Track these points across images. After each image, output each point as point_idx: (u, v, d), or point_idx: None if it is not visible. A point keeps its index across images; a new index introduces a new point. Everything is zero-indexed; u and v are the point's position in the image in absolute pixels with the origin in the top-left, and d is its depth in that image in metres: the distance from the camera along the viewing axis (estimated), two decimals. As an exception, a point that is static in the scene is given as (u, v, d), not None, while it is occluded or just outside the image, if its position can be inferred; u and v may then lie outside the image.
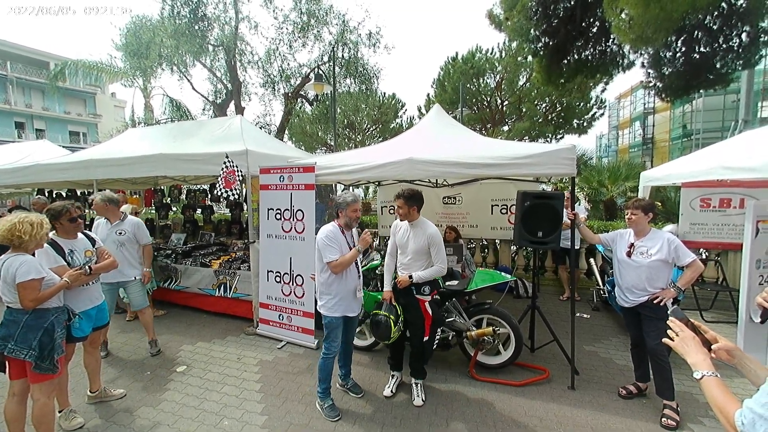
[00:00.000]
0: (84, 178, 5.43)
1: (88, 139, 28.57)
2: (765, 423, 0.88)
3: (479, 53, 17.69)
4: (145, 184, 7.68)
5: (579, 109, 17.68)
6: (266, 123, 13.12)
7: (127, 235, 3.69)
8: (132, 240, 3.72)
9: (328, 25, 11.12)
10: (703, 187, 5.06)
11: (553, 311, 5.02)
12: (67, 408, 2.75)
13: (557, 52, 8.22)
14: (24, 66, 25.90)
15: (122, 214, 3.77)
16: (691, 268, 2.69)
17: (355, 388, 3.12)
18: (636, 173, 7.74)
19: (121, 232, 3.68)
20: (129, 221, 3.74)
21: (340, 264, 2.72)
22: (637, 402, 2.97)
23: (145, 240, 3.80)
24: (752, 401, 0.94)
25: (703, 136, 17.71)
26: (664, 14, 5.32)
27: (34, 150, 7.60)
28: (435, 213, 6.57)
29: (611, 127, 29.86)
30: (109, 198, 3.67)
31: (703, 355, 1.13)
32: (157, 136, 5.99)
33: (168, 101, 13.18)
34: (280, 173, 4.14)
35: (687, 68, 7.43)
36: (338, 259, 2.71)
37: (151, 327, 3.89)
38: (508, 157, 3.17)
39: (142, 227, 3.80)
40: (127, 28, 10.50)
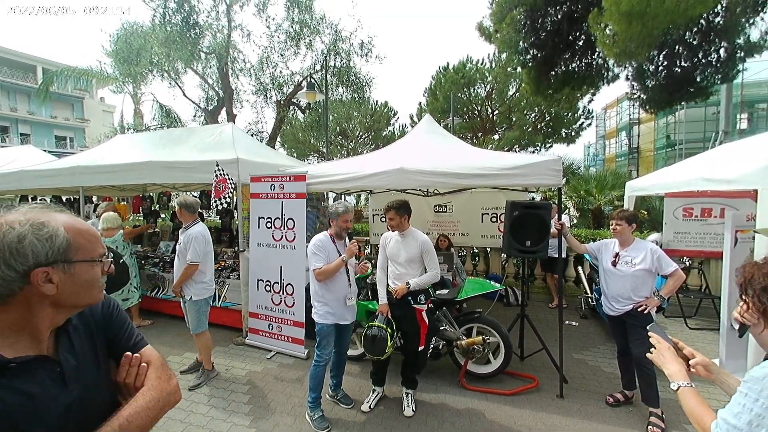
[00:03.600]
0: (70, 185, 5.34)
1: (75, 144, 28.08)
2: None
3: (470, 64, 18.01)
4: (134, 190, 7.58)
5: (567, 119, 18.06)
6: (258, 130, 13.09)
7: (183, 245, 3.28)
8: (185, 252, 3.25)
9: (320, 35, 11.22)
10: (686, 197, 5.21)
11: (542, 319, 5.07)
12: None
13: (545, 64, 8.44)
14: (10, 69, 25.47)
15: (193, 219, 3.33)
16: (673, 277, 2.77)
17: (345, 399, 3.10)
18: (622, 182, 7.92)
19: (180, 241, 3.34)
20: (189, 231, 3.27)
21: (323, 272, 2.76)
22: (624, 409, 3.01)
23: (189, 256, 3.23)
24: (725, 411, 0.98)
25: (686, 146, 18.24)
26: (645, 30, 5.53)
27: (19, 155, 7.46)
28: (426, 221, 6.62)
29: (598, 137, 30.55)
30: (180, 203, 3.31)
31: (678, 365, 1.17)
32: (147, 143, 5.93)
33: (158, 107, 13.08)
34: (271, 182, 4.14)
35: (669, 81, 7.70)
36: (322, 267, 2.75)
37: (207, 352, 3.48)
38: (497, 167, 3.23)
39: (194, 240, 3.24)
40: (117, 35, 10.44)
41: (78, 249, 0.80)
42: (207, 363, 3.51)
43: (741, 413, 0.94)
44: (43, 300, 0.77)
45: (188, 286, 3.32)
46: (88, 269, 0.83)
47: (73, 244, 0.79)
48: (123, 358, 0.93)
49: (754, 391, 0.93)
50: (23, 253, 0.73)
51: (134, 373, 0.93)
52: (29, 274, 0.73)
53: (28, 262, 0.73)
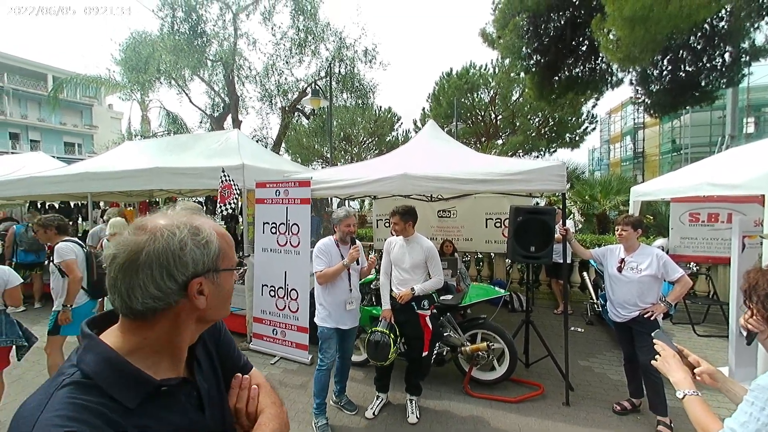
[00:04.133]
0: (79, 191, 5.42)
1: (83, 151, 28.50)
2: None
3: (473, 69, 18.09)
4: (141, 196, 7.67)
5: (571, 123, 18.03)
6: (263, 136, 13.22)
7: None
8: None
9: (325, 42, 11.35)
10: (692, 202, 5.16)
11: (548, 325, 5.02)
12: None
13: (548, 69, 8.46)
14: (21, 78, 26.01)
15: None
16: (680, 283, 2.74)
17: (349, 405, 3.09)
18: (627, 187, 7.87)
19: None
20: None
21: (324, 275, 2.81)
22: (632, 418, 2.96)
23: None
24: (732, 420, 0.97)
25: (692, 150, 18.09)
26: (649, 35, 5.54)
27: (29, 162, 7.59)
28: (430, 226, 6.61)
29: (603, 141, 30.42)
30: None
31: (684, 373, 1.16)
32: (154, 150, 6.03)
33: (165, 114, 13.26)
34: (276, 187, 4.17)
35: (673, 86, 7.68)
36: (323, 270, 2.79)
37: None
38: (501, 173, 3.24)
39: None
40: (126, 44, 10.64)
41: (224, 256, 0.72)
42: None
43: (748, 422, 0.93)
44: (191, 314, 0.69)
45: None
46: (229, 278, 0.75)
47: (221, 251, 0.71)
48: (233, 380, 0.82)
49: (760, 400, 0.92)
50: (185, 262, 0.65)
51: (245, 397, 0.82)
52: (187, 285, 0.66)
53: (188, 272, 0.66)
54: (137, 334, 0.66)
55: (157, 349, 0.68)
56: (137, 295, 0.63)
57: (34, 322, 5.22)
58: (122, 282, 0.63)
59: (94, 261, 3.28)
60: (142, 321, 0.65)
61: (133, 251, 0.63)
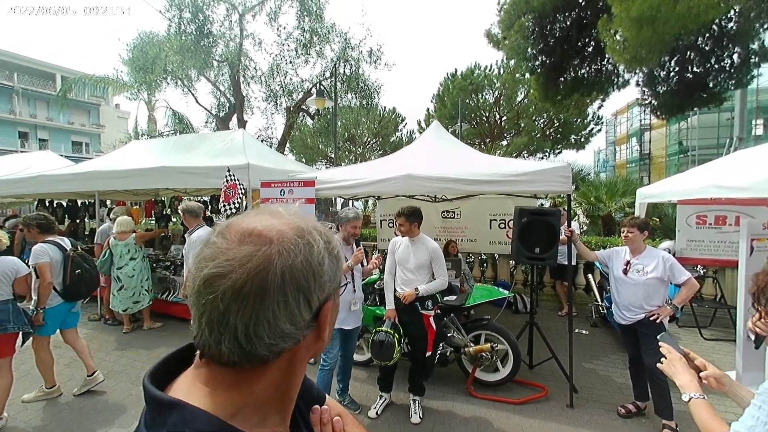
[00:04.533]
0: (86, 189, 5.48)
1: (90, 150, 28.82)
2: None
3: (478, 70, 18.06)
4: (146, 195, 7.74)
5: (576, 124, 17.93)
6: (268, 136, 13.28)
7: (186, 249, 3.45)
8: (187, 256, 3.42)
9: (330, 43, 11.39)
10: (699, 204, 5.11)
11: (552, 327, 5.00)
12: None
13: (554, 71, 8.42)
14: (30, 77, 26.35)
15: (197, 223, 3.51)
16: (687, 286, 2.72)
17: (352, 404, 3.10)
18: (633, 189, 7.81)
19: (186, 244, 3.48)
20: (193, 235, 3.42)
21: None
22: (636, 421, 2.94)
23: (191, 260, 3.37)
24: (739, 424, 0.96)
25: (699, 152, 17.91)
26: (656, 36, 5.49)
27: (37, 160, 7.69)
28: (434, 227, 6.61)
29: (608, 143, 30.20)
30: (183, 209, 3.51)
31: (690, 376, 1.15)
32: (160, 149, 6.08)
33: (171, 114, 13.38)
34: (281, 187, 4.19)
35: (681, 87, 7.61)
36: None
37: None
38: (505, 174, 3.23)
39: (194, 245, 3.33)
40: (133, 44, 10.75)
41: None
42: None
43: (755, 426, 0.93)
44: (309, 351, 0.52)
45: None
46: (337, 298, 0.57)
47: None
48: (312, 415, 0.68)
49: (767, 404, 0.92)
50: (323, 282, 0.49)
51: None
52: (319, 312, 0.50)
53: (323, 295, 0.50)
54: (242, 389, 0.48)
55: (264, 403, 0.50)
56: (262, 334, 0.44)
57: (42, 318, 5.29)
58: (238, 316, 0.43)
59: (71, 264, 3.21)
60: (252, 369, 0.47)
61: (259, 268, 0.44)
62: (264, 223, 0.48)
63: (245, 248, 0.45)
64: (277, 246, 0.46)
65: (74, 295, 3.28)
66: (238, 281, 0.43)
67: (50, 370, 3.23)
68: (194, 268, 0.47)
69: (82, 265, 3.30)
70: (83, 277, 3.28)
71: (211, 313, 0.44)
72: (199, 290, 0.45)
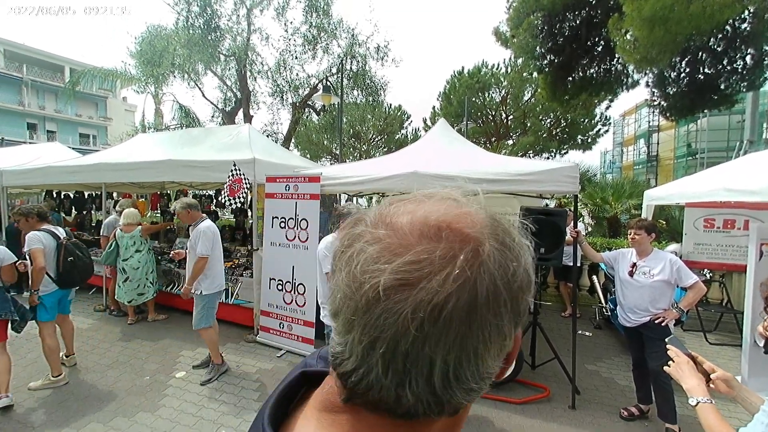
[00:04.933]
0: (94, 181, 5.53)
1: (97, 142, 29.04)
2: None
3: (485, 68, 17.93)
4: (152, 187, 7.79)
5: (583, 125, 17.77)
6: (273, 131, 13.30)
7: (192, 240, 3.42)
8: (194, 248, 3.39)
9: (337, 39, 11.35)
10: (707, 207, 5.05)
11: (555, 328, 4.98)
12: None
13: (562, 70, 8.34)
14: (40, 69, 26.56)
15: (200, 216, 3.50)
16: (693, 289, 2.69)
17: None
18: (640, 191, 7.73)
19: (191, 237, 3.47)
20: (198, 227, 3.41)
21: None
22: (639, 424, 2.93)
23: (199, 250, 3.34)
24: (747, 430, 0.95)
25: (708, 155, 17.68)
26: (668, 36, 5.42)
27: (46, 152, 7.75)
28: (438, 225, 6.58)
29: (616, 144, 29.91)
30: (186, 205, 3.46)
31: (697, 380, 1.14)
32: (167, 142, 6.11)
33: (178, 107, 13.42)
34: (286, 182, 4.20)
35: (691, 89, 7.52)
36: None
37: (214, 346, 3.50)
38: (512, 173, 3.21)
39: (203, 235, 3.36)
40: (141, 37, 10.79)
41: None
42: (216, 357, 3.52)
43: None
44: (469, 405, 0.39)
45: (200, 279, 3.41)
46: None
47: None
48: None
49: None
50: (519, 306, 0.34)
51: None
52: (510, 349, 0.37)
53: (517, 321, 0.35)
54: None
55: None
56: (466, 375, 0.32)
57: (48, 308, 5.36)
58: (438, 347, 0.30)
59: (64, 252, 3.31)
60: (419, 423, 0.35)
61: (463, 278, 0.30)
62: (451, 213, 0.35)
63: (433, 246, 0.31)
64: (487, 246, 0.32)
65: (67, 282, 3.36)
66: (439, 294, 0.29)
67: (57, 357, 3.29)
68: (345, 273, 0.34)
69: (75, 253, 3.38)
70: (76, 265, 3.36)
71: (391, 342, 0.30)
72: (367, 307, 0.31)
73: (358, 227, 0.36)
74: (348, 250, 0.35)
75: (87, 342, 4.23)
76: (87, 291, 6.09)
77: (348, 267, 0.34)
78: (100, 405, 3.02)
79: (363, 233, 0.35)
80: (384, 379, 0.32)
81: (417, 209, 0.35)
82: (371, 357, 0.32)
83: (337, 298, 0.35)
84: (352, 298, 0.32)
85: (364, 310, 0.31)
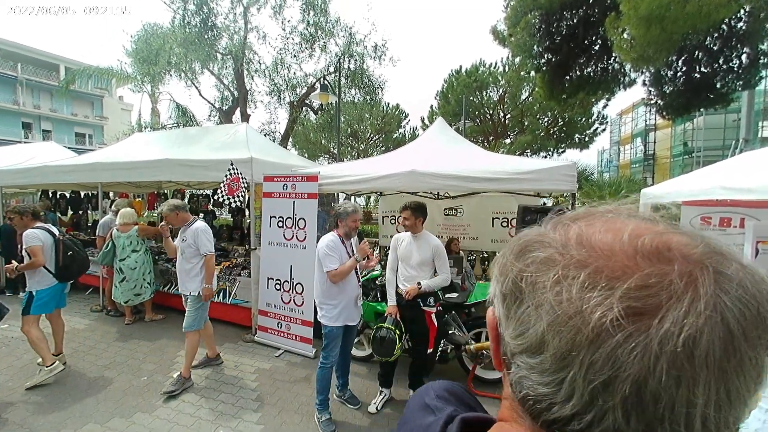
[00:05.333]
0: (90, 181, 5.49)
1: (93, 141, 28.86)
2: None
3: (482, 67, 17.96)
4: (149, 187, 7.75)
5: (581, 124, 17.84)
6: (271, 130, 13.27)
7: (188, 241, 3.35)
8: (191, 248, 3.34)
9: (334, 37, 11.33)
10: (704, 205, 5.07)
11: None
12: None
13: (559, 69, 8.36)
14: (34, 68, 26.34)
15: (191, 217, 3.46)
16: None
17: (352, 399, 3.11)
18: (637, 189, 7.77)
19: (184, 238, 3.39)
20: (192, 227, 3.37)
21: (339, 273, 2.75)
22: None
23: (204, 249, 3.36)
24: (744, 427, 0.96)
25: (704, 153, 17.79)
26: (665, 35, 5.44)
27: (41, 151, 7.69)
28: (436, 224, 6.59)
29: (613, 143, 30.03)
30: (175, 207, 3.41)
31: None
32: (163, 141, 6.07)
33: (175, 106, 13.35)
34: (284, 181, 4.19)
35: (687, 87, 7.55)
36: (338, 268, 2.74)
37: (192, 355, 3.35)
38: (510, 172, 3.22)
39: (200, 234, 3.35)
40: (138, 35, 10.72)
41: None
42: (186, 369, 3.31)
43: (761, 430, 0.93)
44: None
45: (191, 280, 3.36)
46: None
47: None
48: None
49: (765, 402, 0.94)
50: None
51: None
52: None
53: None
54: None
55: None
56: (729, 421, 0.28)
57: (45, 308, 5.33)
58: (699, 389, 0.26)
59: (62, 247, 3.41)
60: None
61: (714, 308, 0.27)
62: (661, 231, 0.32)
63: (662, 269, 0.28)
64: (732, 267, 0.29)
65: (67, 275, 3.48)
66: (688, 325, 0.26)
67: (45, 346, 3.34)
68: (549, 300, 0.30)
69: (72, 248, 3.51)
70: (75, 258, 3.49)
71: (636, 383, 0.26)
72: (595, 339, 0.27)
73: (538, 251, 0.33)
74: (542, 277, 0.31)
75: (84, 342, 4.21)
76: (84, 291, 6.06)
77: (552, 293, 0.30)
78: (97, 405, 3.01)
79: (553, 257, 0.32)
80: (625, 426, 0.27)
81: (617, 227, 0.33)
82: (605, 400, 0.27)
83: (533, 329, 0.31)
84: (566, 329, 0.28)
85: (589, 344, 0.27)
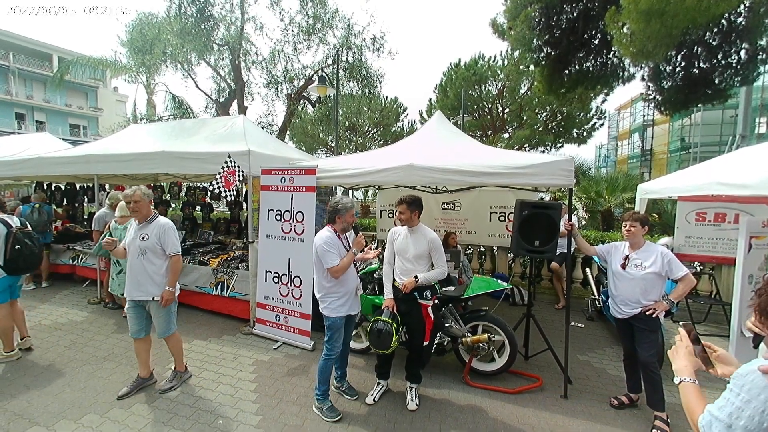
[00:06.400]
0: (85, 173, 5.44)
1: (88, 133, 28.56)
2: (719, 424, 0.99)
3: (482, 61, 17.82)
4: (145, 180, 7.70)
5: (579, 118, 17.81)
6: (268, 123, 13.16)
7: (151, 240, 2.94)
8: (155, 247, 2.96)
9: (333, 29, 11.21)
10: (699, 201, 5.12)
11: (548, 319, 5.05)
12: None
13: (559, 63, 8.32)
14: (27, 57, 25.90)
15: (152, 212, 3.07)
16: (684, 281, 2.74)
17: (350, 390, 3.14)
18: (634, 185, 7.81)
19: (144, 236, 2.96)
20: (155, 223, 3.00)
21: (342, 268, 2.78)
22: (629, 412, 3.00)
23: (172, 248, 3.00)
24: (713, 405, 1.04)
25: (701, 149, 17.87)
26: (664, 30, 5.42)
27: (35, 142, 7.60)
28: (434, 218, 6.61)
29: (610, 138, 30.09)
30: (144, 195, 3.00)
31: (686, 362, 1.22)
32: (159, 133, 6.01)
33: (171, 98, 13.21)
34: (282, 175, 4.17)
35: (686, 83, 7.54)
36: (339, 263, 2.76)
37: (180, 352, 3.27)
38: (508, 166, 3.22)
39: (168, 231, 3.00)
40: (132, 25, 10.54)
41: None
42: (180, 364, 3.30)
43: (724, 406, 1.00)
44: None
45: (155, 283, 2.98)
46: None
47: None
48: None
49: (737, 386, 0.99)
50: None
51: None
52: None
53: None
54: None
55: None
56: None
57: (42, 300, 5.31)
58: None
59: (13, 240, 3.41)
60: None
61: None
62: None
63: None
64: None
65: (14, 269, 3.48)
66: None
67: (10, 336, 3.56)
68: None
69: (22, 242, 3.47)
70: (22, 253, 3.46)
71: None
72: None
73: None
74: None
75: (82, 335, 4.22)
76: (81, 283, 6.05)
77: None
78: (96, 396, 3.03)
79: None
80: None
81: None
82: None
83: None
84: None
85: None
